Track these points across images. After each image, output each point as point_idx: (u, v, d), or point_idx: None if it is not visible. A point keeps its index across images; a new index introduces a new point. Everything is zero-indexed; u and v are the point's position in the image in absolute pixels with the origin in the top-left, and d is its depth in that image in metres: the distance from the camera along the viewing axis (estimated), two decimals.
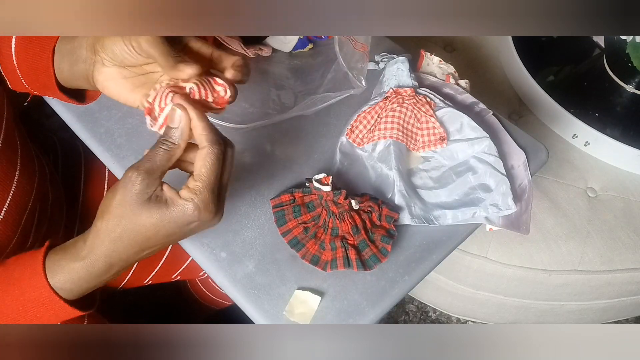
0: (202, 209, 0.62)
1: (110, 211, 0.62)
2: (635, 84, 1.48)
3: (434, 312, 1.87)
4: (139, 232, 0.63)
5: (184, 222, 0.63)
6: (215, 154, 0.63)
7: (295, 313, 0.82)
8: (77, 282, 0.66)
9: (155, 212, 0.62)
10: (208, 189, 0.62)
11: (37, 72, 0.79)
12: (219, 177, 0.64)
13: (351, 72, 0.96)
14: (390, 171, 0.92)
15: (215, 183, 0.63)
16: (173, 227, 0.63)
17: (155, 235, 0.63)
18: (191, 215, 0.62)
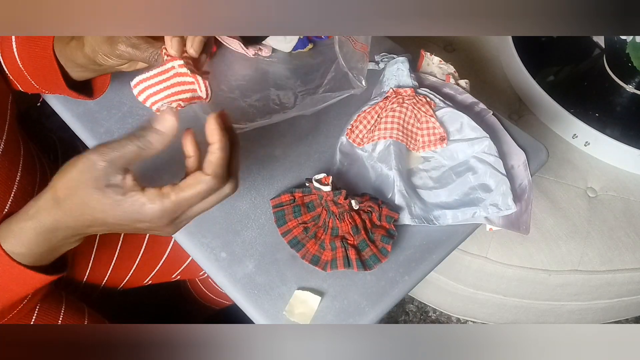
0: (157, 218, 0.60)
1: (64, 183, 0.61)
2: (635, 84, 1.48)
3: (434, 312, 1.87)
4: (87, 211, 0.61)
5: (136, 219, 0.60)
6: (211, 187, 0.61)
7: (295, 313, 0.82)
8: (27, 244, 0.64)
9: (108, 199, 0.59)
10: (177, 206, 0.60)
11: (43, 72, 0.80)
12: (196, 206, 0.62)
13: (351, 72, 0.96)
14: (390, 171, 0.92)
15: (187, 209, 0.62)
16: (122, 217, 0.61)
17: (104, 219, 0.61)
18: (145, 215, 0.60)
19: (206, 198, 0.62)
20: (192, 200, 0.60)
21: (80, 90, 0.83)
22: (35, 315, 0.92)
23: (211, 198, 0.62)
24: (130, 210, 0.60)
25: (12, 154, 0.84)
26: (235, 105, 1.02)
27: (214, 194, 0.62)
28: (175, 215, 0.61)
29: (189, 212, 0.62)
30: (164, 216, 0.60)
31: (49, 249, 0.66)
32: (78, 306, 1.03)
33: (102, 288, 1.14)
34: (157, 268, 1.17)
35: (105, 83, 0.87)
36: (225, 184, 0.62)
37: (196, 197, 0.60)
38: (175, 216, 0.61)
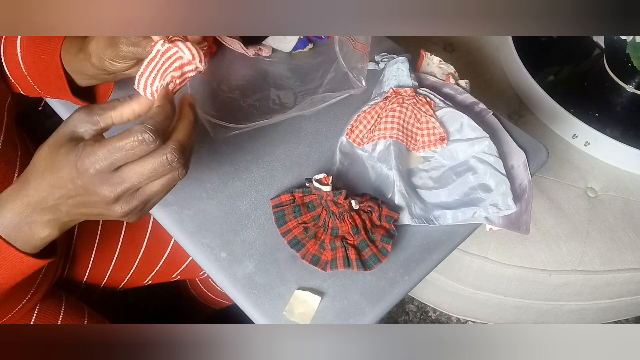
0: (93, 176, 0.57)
1: (50, 138, 0.61)
2: (635, 84, 1.48)
3: (434, 312, 1.87)
4: (44, 165, 0.60)
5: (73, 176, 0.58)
6: (141, 145, 0.56)
7: (295, 313, 0.82)
8: (4, 212, 0.62)
9: (64, 144, 0.59)
10: (110, 162, 0.57)
11: (48, 79, 0.81)
12: (137, 174, 0.58)
13: (351, 72, 0.96)
14: (390, 171, 0.92)
15: (129, 175, 0.58)
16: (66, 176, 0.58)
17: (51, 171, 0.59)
18: (80, 171, 0.57)
19: (143, 159, 0.57)
20: (122, 152, 0.56)
21: (83, 96, 0.84)
22: (35, 315, 0.92)
23: (149, 162, 0.57)
24: (72, 159, 0.57)
25: (9, 153, 0.84)
26: (235, 105, 1.02)
27: (153, 157, 0.57)
28: (104, 166, 0.57)
29: (123, 172, 0.58)
30: (93, 165, 0.56)
31: (20, 222, 0.62)
32: (78, 306, 1.03)
33: (102, 288, 1.14)
34: (157, 268, 1.17)
35: (109, 89, 0.87)
36: (166, 147, 0.58)
37: (128, 153, 0.56)
38: (104, 168, 0.57)
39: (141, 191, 0.60)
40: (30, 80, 0.84)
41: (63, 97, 0.83)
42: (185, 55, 0.67)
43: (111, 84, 0.87)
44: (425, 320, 1.85)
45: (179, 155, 0.58)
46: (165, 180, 0.60)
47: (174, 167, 0.59)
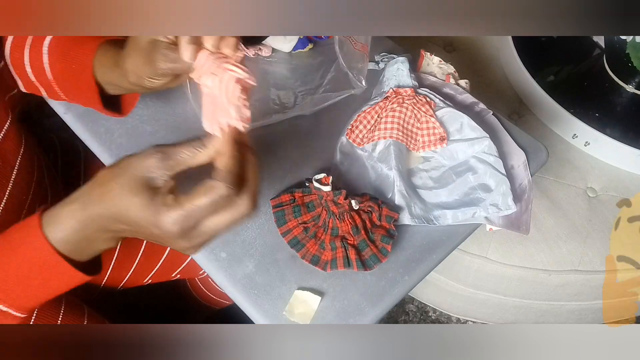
0: (171, 225, 0.58)
1: (109, 170, 0.61)
2: (635, 84, 1.49)
3: (434, 312, 1.87)
4: (118, 202, 0.60)
5: (152, 223, 0.59)
6: (220, 196, 0.58)
7: (295, 313, 0.82)
8: (64, 229, 0.62)
9: (140, 193, 0.58)
10: (189, 216, 0.58)
11: (78, 88, 0.80)
12: (210, 220, 0.59)
13: (351, 72, 0.96)
14: (390, 171, 0.92)
15: (202, 220, 0.59)
16: (143, 221, 0.59)
17: (128, 215, 0.60)
18: (159, 222, 0.58)
19: (219, 210, 0.59)
20: (203, 210, 0.58)
21: (109, 104, 0.84)
22: (34, 315, 0.92)
23: (225, 213, 0.59)
24: (150, 213, 0.59)
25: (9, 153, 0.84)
26: None
27: (228, 207, 0.59)
28: (186, 225, 0.58)
29: (203, 226, 0.59)
30: (175, 224, 0.58)
31: (83, 239, 0.64)
32: (77, 306, 1.03)
33: (101, 288, 1.14)
34: (157, 267, 1.17)
35: (136, 96, 0.87)
36: (239, 196, 0.60)
37: (207, 206, 0.58)
38: (187, 227, 0.58)
39: (207, 225, 0.61)
40: (55, 87, 0.84)
41: (90, 105, 0.83)
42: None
43: (135, 99, 0.87)
44: (425, 320, 1.85)
45: (255, 205, 0.62)
46: (229, 213, 0.60)
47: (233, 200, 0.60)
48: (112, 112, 0.84)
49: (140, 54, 0.69)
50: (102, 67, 0.77)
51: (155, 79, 0.71)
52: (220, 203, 0.58)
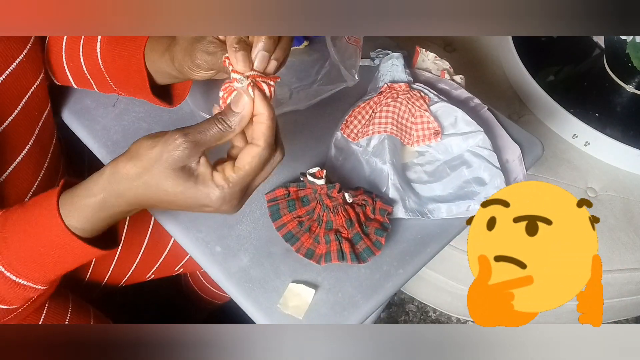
0: (226, 201, 0.61)
1: (139, 159, 0.61)
2: (635, 84, 1.48)
3: (434, 312, 1.86)
4: (157, 193, 0.61)
5: (203, 203, 0.62)
6: (265, 157, 0.62)
7: (290, 306, 0.82)
8: (90, 219, 0.64)
9: (182, 184, 0.60)
10: (241, 186, 0.62)
11: (128, 77, 0.81)
12: (256, 179, 0.64)
13: (343, 65, 0.96)
14: (385, 165, 0.92)
15: (250, 183, 0.63)
16: (191, 203, 0.62)
17: (172, 202, 0.62)
18: (213, 201, 0.61)
19: (263, 168, 0.64)
20: (253, 176, 0.63)
21: (161, 94, 0.85)
22: (43, 315, 0.92)
23: (267, 168, 0.64)
24: (200, 196, 0.61)
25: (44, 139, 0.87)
26: None
27: (269, 163, 0.64)
28: (241, 194, 0.63)
29: (251, 187, 0.64)
30: (232, 200, 0.62)
31: (106, 224, 0.67)
32: (84, 306, 1.04)
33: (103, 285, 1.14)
34: (159, 263, 1.17)
35: (187, 87, 0.88)
36: (276, 151, 0.65)
37: (255, 171, 0.62)
38: (241, 196, 0.63)
39: (254, 184, 0.66)
40: (106, 76, 0.85)
41: (140, 95, 0.84)
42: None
43: (188, 85, 0.87)
44: (425, 320, 1.85)
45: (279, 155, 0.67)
46: (270, 167, 0.66)
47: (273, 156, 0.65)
48: (162, 102, 0.85)
49: (185, 43, 0.71)
50: (153, 52, 0.78)
51: (194, 70, 0.71)
52: (264, 166, 0.64)
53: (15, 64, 0.76)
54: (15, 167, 0.81)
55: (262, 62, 0.64)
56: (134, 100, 1.01)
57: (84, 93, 1.01)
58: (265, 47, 0.63)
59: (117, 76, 0.84)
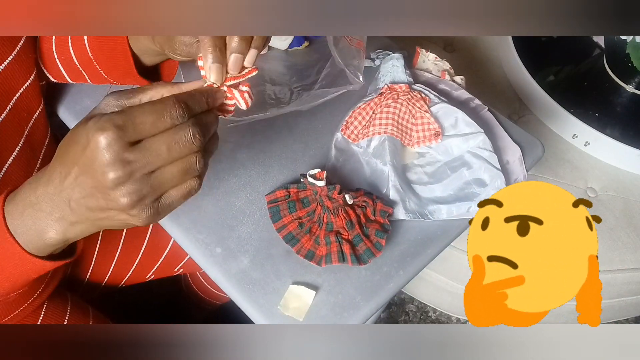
0: (107, 158, 0.50)
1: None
2: (635, 84, 1.48)
3: (434, 312, 1.86)
4: (63, 154, 0.54)
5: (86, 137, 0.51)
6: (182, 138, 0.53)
7: (290, 307, 0.82)
8: (19, 215, 0.57)
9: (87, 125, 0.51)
10: (128, 118, 0.51)
11: (115, 60, 0.80)
12: (154, 158, 0.53)
13: (348, 68, 0.96)
14: (385, 166, 0.92)
15: (149, 161, 0.52)
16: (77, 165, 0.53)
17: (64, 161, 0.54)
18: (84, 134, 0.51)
19: (165, 137, 0.53)
20: (145, 128, 0.51)
21: (149, 77, 0.84)
22: (42, 315, 0.93)
23: (173, 139, 0.53)
24: (84, 131, 0.51)
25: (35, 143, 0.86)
26: None
27: (176, 136, 0.53)
28: (123, 153, 0.51)
29: (145, 158, 0.52)
30: (108, 146, 0.50)
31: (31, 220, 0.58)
32: (83, 306, 1.04)
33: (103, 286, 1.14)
34: (159, 263, 1.17)
35: (174, 68, 0.87)
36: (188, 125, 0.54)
37: (150, 113, 0.52)
38: (124, 155, 0.51)
39: (154, 176, 0.53)
40: (96, 65, 0.84)
41: (129, 78, 0.83)
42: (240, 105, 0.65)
43: (176, 63, 0.87)
44: (425, 320, 1.85)
45: (200, 135, 0.54)
46: (181, 167, 0.54)
47: (194, 150, 0.54)
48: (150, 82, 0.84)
49: None
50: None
51: (175, 55, 0.71)
52: (164, 122, 0.52)
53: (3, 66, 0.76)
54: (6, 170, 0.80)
55: (236, 65, 0.62)
56: None
57: (83, 93, 1.01)
58: (238, 49, 0.62)
59: (106, 63, 0.83)
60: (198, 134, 0.54)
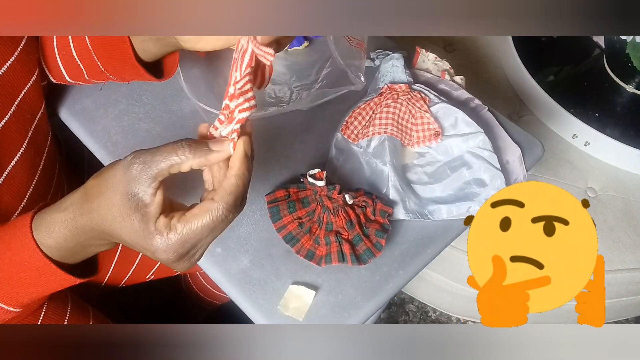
0: (163, 251, 0.56)
1: (96, 180, 0.58)
2: (635, 84, 1.48)
3: (434, 312, 1.86)
4: (108, 217, 0.57)
5: (142, 245, 0.57)
6: (219, 218, 0.57)
7: (290, 307, 0.82)
8: (55, 237, 0.61)
9: (127, 216, 0.56)
10: (183, 240, 0.56)
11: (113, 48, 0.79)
12: (204, 235, 0.57)
13: (349, 68, 0.96)
14: (385, 166, 0.92)
15: (196, 241, 0.57)
16: (133, 240, 0.57)
17: (118, 230, 0.57)
18: (149, 246, 0.56)
19: (213, 227, 0.57)
20: (200, 234, 0.56)
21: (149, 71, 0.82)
22: (42, 315, 0.92)
23: (220, 226, 0.58)
24: (139, 235, 0.56)
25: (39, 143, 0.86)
26: None
27: (223, 222, 0.58)
28: (183, 250, 0.56)
29: (199, 246, 0.58)
30: (169, 251, 0.56)
31: (76, 246, 0.62)
32: (83, 306, 1.04)
33: (103, 286, 1.14)
34: (159, 263, 1.17)
35: (175, 63, 0.86)
36: (236, 212, 0.59)
37: (204, 229, 0.56)
38: (184, 251, 0.56)
39: (203, 244, 0.59)
40: (95, 57, 0.83)
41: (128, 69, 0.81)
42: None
43: (176, 59, 0.86)
44: (425, 320, 1.85)
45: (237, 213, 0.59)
46: (223, 226, 0.59)
47: (229, 216, 0.58)
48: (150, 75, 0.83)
49: None
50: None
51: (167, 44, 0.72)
52: (218, 226, 0.57)
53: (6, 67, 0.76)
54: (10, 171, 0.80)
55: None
56: (134, 100, 1.01)
57: (84, 94, 1.01)
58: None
59: (105, 55, 0.82)
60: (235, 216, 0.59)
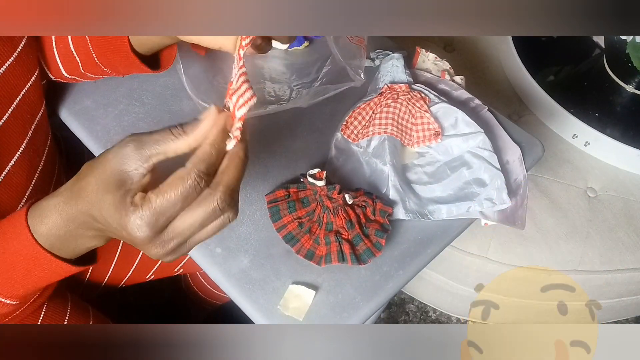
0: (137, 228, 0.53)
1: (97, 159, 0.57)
2: (635, 84, 1.48)
3: (434, 312, 1.86)
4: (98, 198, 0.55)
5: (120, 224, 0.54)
6: (190, 185, 0.53)
7: (290, 307, 0.82)
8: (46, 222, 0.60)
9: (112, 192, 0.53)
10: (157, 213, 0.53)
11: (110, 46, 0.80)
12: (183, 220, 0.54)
13: (349, 66, 0.96)
14: (385, 166, 0.92)
15: (170, 211, 0.53)
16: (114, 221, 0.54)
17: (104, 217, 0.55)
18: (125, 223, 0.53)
19: (193, 208, 0.54)
20: (171, 205, 0.52)
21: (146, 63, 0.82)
22: (42, 315, 0.92)
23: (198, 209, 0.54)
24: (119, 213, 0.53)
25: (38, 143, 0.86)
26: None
27: (204, 206, 0.54)
28: (155, 226, 0.53)
29: (174, 226, 0.54)
30: (142, 225, 0.53)
31: (66, 234, 0.60)
32: (83, 306, 1.04)
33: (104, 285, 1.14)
34: (159, 262, 1.17)
35: (172, 56, 0.86)
36: (216, 193, 0.54)
37: (176, 200, 0.52)
38: (156, 228, 0.53)
39: (189, 241, 0.56)
40: (91, 49, 0.83)
41: (122, 59, 0.81)
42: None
43: (174, 51, 0.85)
44: (425, 320, 1.85)
45: (229, 201, 0.55)
46: (214, 226, 0.56)
47: (225, 212, 0.55)
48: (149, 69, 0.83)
49: None
50: None
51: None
52: (190, 195, 0.53)
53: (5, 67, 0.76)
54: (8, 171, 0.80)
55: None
56: (134, 100, 1.01)
57: (84, 94, 1.01)
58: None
59: (101, 46, 0.82)
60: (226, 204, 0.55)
